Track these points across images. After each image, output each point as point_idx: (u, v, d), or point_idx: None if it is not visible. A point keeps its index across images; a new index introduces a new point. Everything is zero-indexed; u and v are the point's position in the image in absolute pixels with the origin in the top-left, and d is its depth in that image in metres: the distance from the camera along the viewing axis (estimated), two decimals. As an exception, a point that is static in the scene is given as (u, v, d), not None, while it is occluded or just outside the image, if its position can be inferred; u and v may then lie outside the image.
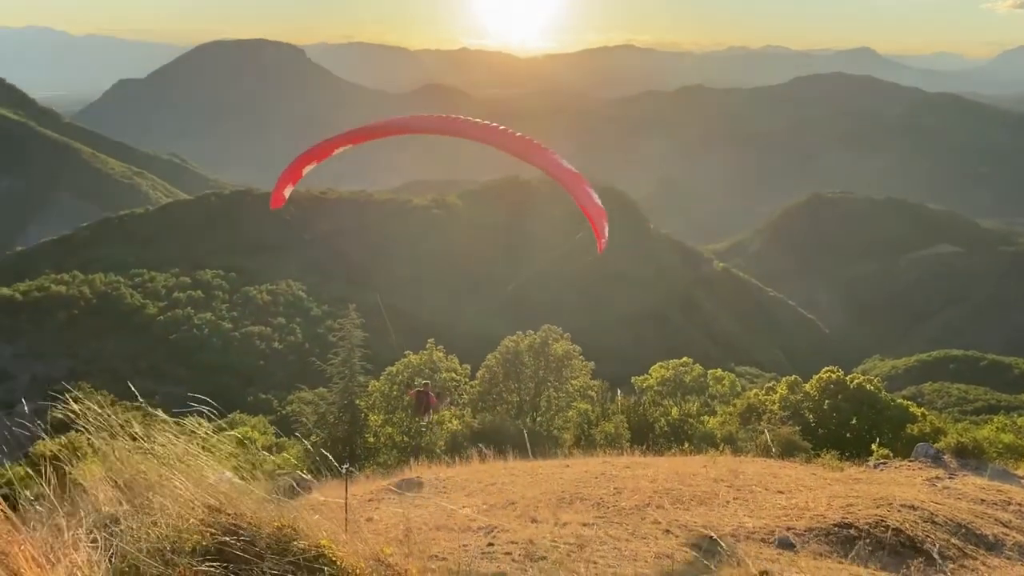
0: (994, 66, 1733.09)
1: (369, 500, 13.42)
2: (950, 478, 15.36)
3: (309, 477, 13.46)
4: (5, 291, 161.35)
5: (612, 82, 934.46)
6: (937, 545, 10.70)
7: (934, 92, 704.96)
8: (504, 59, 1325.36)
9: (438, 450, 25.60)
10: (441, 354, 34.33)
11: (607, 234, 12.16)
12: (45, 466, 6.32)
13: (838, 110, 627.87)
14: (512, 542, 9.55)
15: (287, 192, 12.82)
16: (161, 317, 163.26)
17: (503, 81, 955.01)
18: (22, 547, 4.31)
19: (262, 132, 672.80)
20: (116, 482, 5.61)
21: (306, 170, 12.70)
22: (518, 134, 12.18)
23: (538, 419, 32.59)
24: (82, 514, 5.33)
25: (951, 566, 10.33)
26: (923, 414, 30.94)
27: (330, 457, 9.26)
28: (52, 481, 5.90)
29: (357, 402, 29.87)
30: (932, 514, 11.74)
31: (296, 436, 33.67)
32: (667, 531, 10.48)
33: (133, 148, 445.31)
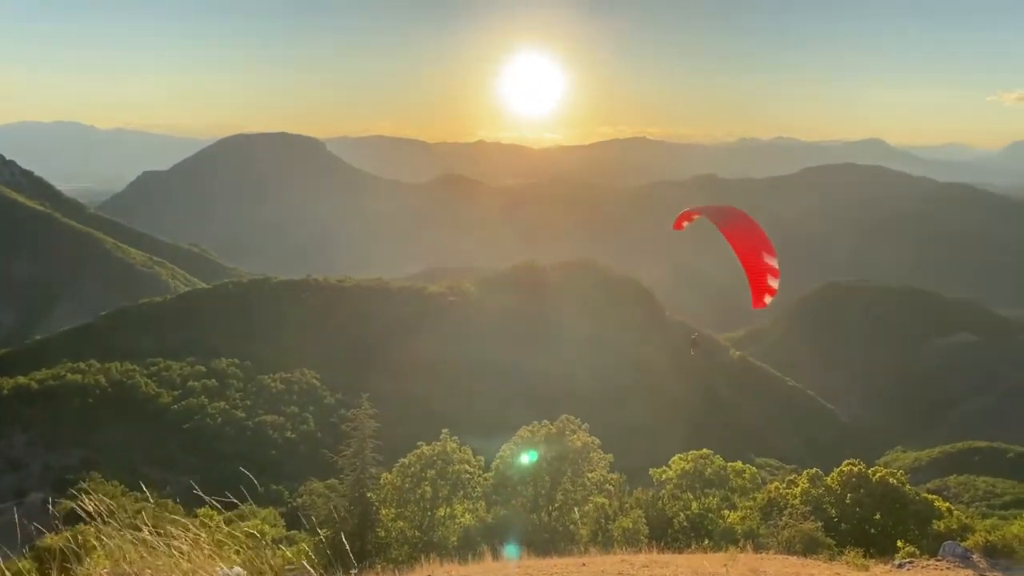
0: (1003, 156, 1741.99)
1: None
2: (981, 578, 14.81)
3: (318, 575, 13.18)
4: (22, 379, 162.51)
5: (624, 173, 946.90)
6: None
7: (945, 182, 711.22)
8: (519, 151, 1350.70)
9: (450, 546, 25.04)
10: (455, 444, 33.84)
11: (772, 286, 17.57)
12: (51, 564, 6.21)
13: (850, 200, 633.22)
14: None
15: (685, 224, 19.89)
16: (175, 406, 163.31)
17: (518, 171, 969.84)
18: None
19: (281, 222, 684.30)
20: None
21: (685, 223, 19.68)
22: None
23: (553, 513, 31.89)
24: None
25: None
26: (949, 509, 29.98)
27: (345, 551, 9.09)
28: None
29: (368, 495, 29.41)
30: (963, 617, 11.29)
31: (307, 529, 33.10)
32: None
33: (155, 238, 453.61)
